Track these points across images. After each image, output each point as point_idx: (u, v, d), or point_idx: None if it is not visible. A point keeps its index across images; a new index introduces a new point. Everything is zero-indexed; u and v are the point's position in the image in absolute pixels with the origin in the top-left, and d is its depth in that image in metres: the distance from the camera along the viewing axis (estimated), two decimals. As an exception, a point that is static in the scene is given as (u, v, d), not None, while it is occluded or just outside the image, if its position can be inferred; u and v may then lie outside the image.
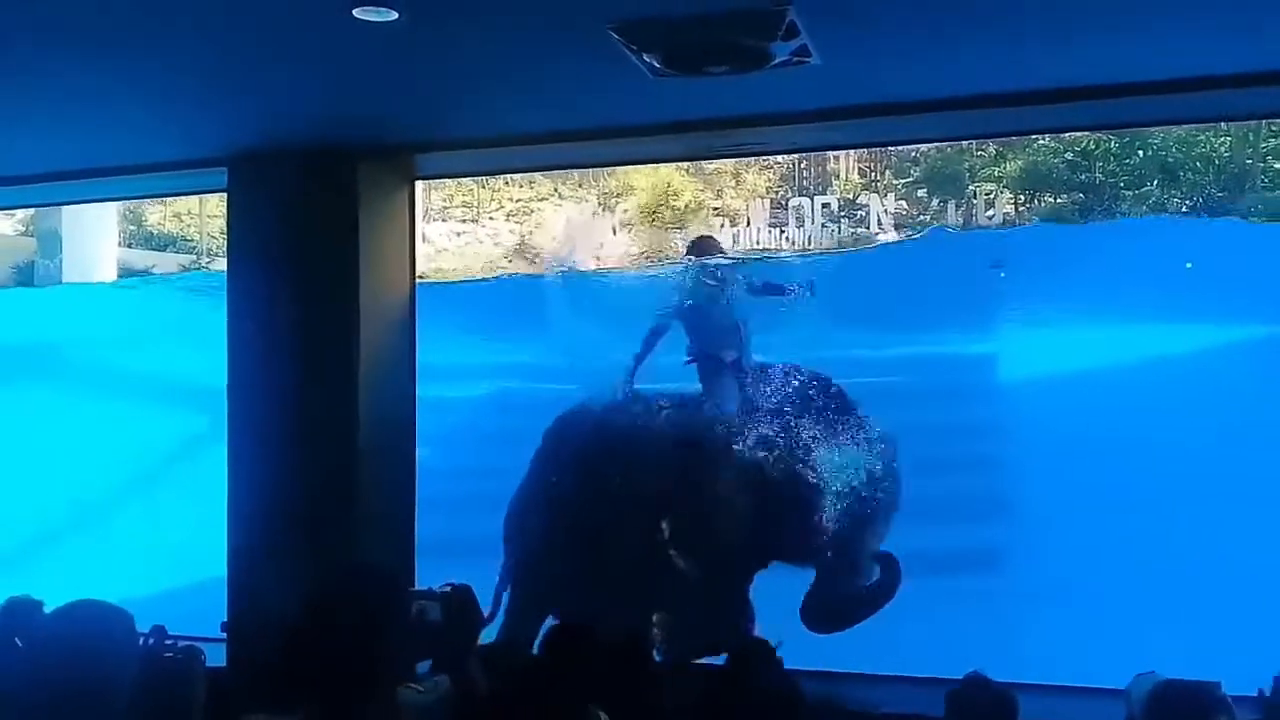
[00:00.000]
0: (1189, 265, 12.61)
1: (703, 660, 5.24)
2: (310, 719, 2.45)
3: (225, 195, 5.35)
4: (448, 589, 2.93)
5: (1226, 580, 8.51)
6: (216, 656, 4.96)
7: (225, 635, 5.06)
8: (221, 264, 5.50)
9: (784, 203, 19.60)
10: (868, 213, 18.72)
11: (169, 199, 20.28)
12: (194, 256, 20.57)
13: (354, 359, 4.96)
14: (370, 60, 3.79)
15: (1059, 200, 18.40)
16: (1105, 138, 17.17)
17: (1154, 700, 3.51)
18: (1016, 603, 8.96)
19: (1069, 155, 18.00)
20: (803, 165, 20.76)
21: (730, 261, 7.95)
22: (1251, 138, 17.11)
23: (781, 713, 3.65)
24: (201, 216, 21.09)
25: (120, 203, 16.49)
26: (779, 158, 20.10)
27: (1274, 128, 16.60)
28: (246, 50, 3.76)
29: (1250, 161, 17.29)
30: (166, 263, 19.53)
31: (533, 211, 21.45)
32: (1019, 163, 18.41)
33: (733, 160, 19.71)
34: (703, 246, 7.90)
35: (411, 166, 5.30)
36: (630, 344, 7.69)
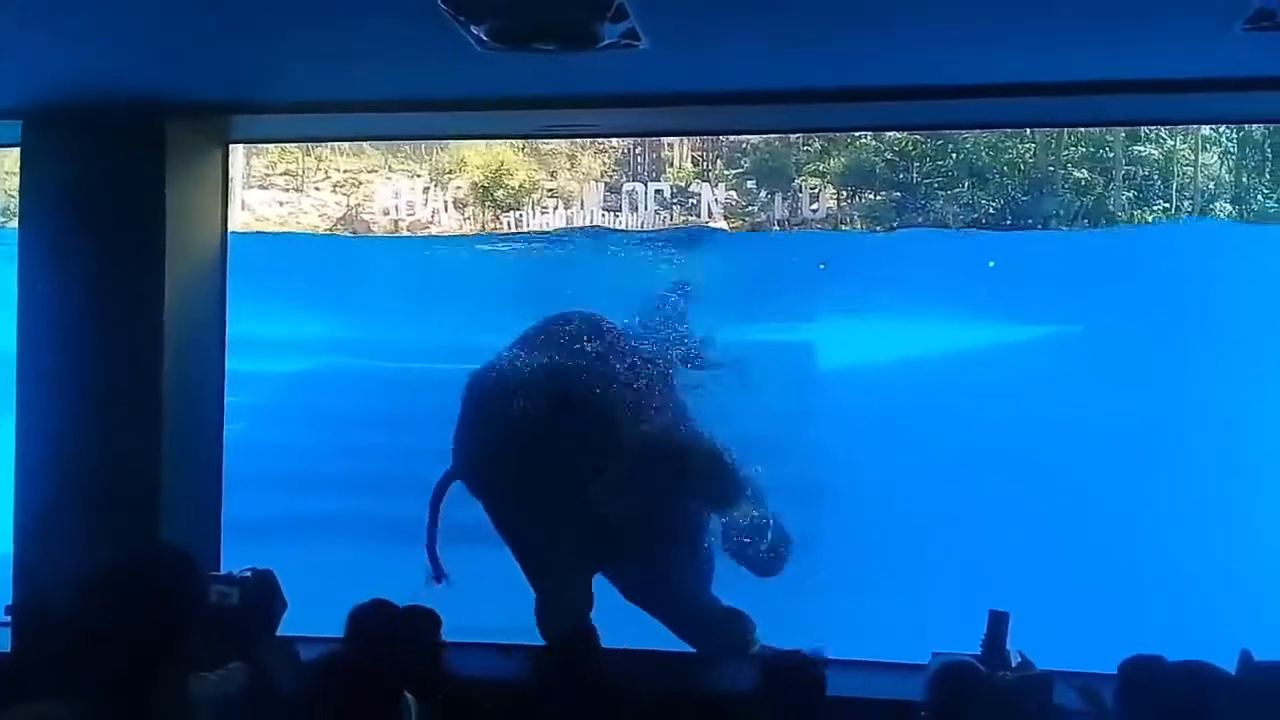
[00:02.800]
0: (991, 264, 13.35)
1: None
2: (98, 707, 2.33)
3: (19, 150, 4.99)
4: (248, 573, 2.84)
5: (1032, 557, 9.07)
6: (1, 642, 4.70)
7: (9, 619, 4.77)
8: (15, 224, 5.14)
9: (618, 187, 19.74)
10: (699, 201, 19.06)
11: (-41, 153, 18.83)
12: (-13, 215, 19.17)
13: (158, 328, 4.70)
14: (178, 11, 3.59)
15: (878, 197, 19.17)
16: (922, 139, 17.98)
17: (932, 677, 3.74)
18: (830, 584, 9.30)
19: (888, 155, 18.77)
20: (637, 151, 20.94)
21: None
22: (1054, 145, 18.21)
23: (601, 691, 3.70)
24: (-2, 173, 19.67)
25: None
26: (614, 142, 20.22)
27: (1074, 137, 17.71)
28: (41, -6, 3.51)
29: (1052, 169, 18.40)
30: (-46, 221, 18.12)
31: (361, 183, 20.88)
32: (842, 160, 19.07)
33: (568, 142, 19.71)
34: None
35: (225, 129, 5.06)
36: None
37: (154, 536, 4.60)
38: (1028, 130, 16.86)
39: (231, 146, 5.28)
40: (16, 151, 5.01)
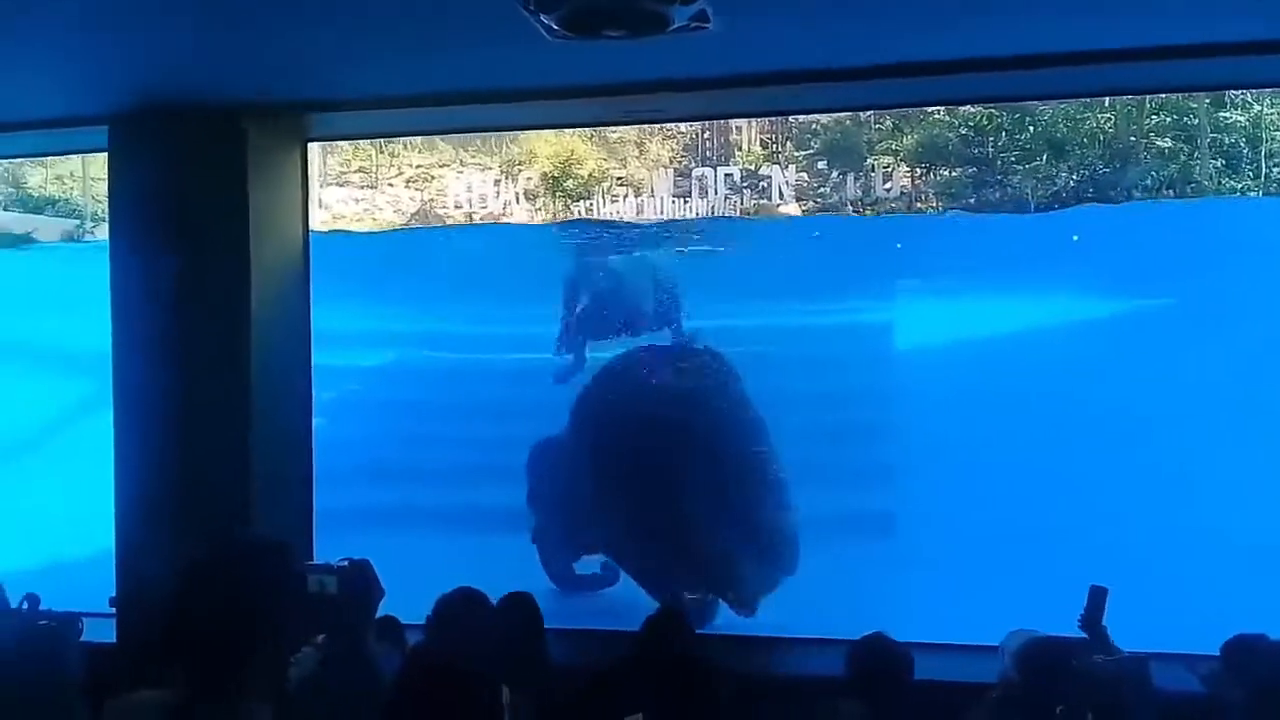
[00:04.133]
0: (1075, 238, 13.02)
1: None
2: (201, 694, 2.39)
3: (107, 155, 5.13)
4: (345, 563, 2.89)
5: (1114, 538, 8.86)
6: (107, 633, 4.85)
7: (114, 610, 4.92)
8: (105, 229, 5.28)
9: (687, 172, 19.65)
10: (770, 184, 18.88)
11: (50, 161, 19.45)
12: (77, 221, 19.78)
13: (245, 326, 4.81)
14: (257, 14, 3.66)
15: (953, 174, 18.82)
16: (997, 113, 17.59)
17: (1022, 654, 3.69)
18: (911, 565, 9.20)
19: (963, 130, 18.40)
20: (705, 135, 20.82)
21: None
22: (1135, 114, 17.69)
23: (691, 676, 3.70)
24: (85, 179, 20.29)
25: (-3, 164, 15.78)
26: (682, 127, 20.13)
27: (1156, 104, 17.19)
28: (126, 1, 3.59)
29: (1134, 138, 17.88)
30: (48, 226, 18.74)
31: (434, 178, 21.09)
32: (915, 137, 18.74)
33: (636, 129, 19.68)
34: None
35: (303, 127, 5.14)
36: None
37: (247, 529, 4.70)
38: (1107, 99, 16.40)
39: (309, 144, 5.36)
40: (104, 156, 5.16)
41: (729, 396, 7.65)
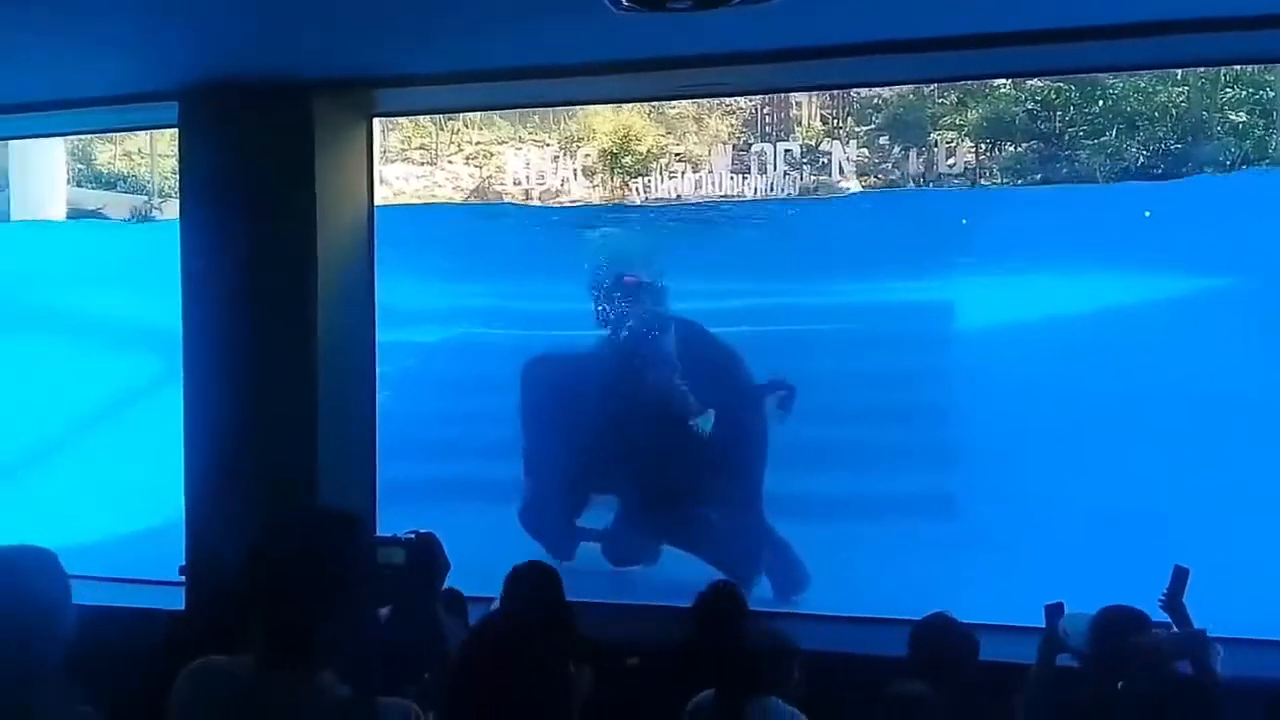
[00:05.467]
0: (1147, 214, 12.72)
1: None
2: (271, 663, 2.43)
3: (177, 131, 5.20)
4: (412, 535, 2.93)
5: (1176, 522, 8.68)
6: (176, 600, 4.97)
7: (184, 578, 5.03)
8: (172, 204, 5.37)
9: (746, 148, 19.52)
10: (830, 160, 18.69)
11: (119, 138, 19.88)
12: (145, 196, 20.19)
13: (311, 300, 4.86)
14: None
15: (1019, 149, 18.49)
16: (1066, 86, 17.25)
17: (1098, 627, 3.66)
18: (972, 547, 9.10)
19: (1029, 105, 18.07)
20: (765, 111, 20.67)
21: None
22: (1209, 89, 17.23)
23: (748, 654, 3.70)
24: (153, 156, 20.70)
25: (69, 142, 16.14)
26: (741, 103, 20.01)
27: (1230, 77, 16.74)
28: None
29: (1207, 113, 17.42)
30: (117, 202, 19.16)
31: (493, 155, 21.20)
32: (980, 111, 18.44)
33: (695, 104, 19.60)
34: None
35: (369, 102, 5.17)
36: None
37: (314, 499, 4.77)
38: (1179, 72, 16.00)
39: (374, 120, 5.39)
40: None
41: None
